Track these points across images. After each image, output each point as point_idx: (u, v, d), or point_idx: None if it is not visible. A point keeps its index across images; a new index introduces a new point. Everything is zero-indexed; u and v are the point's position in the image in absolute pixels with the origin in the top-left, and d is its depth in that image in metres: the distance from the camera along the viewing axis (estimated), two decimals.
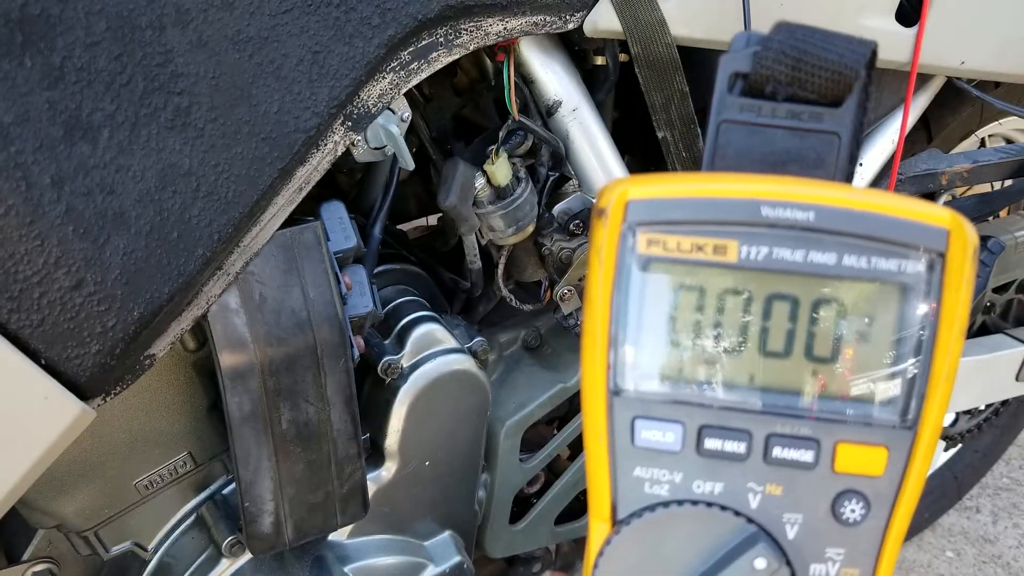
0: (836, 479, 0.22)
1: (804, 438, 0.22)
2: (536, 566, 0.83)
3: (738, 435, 0.22)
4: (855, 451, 0.22)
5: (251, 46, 0.43)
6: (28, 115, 0.38)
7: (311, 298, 0.50)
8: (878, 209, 0.21)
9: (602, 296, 0.22)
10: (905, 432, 0.22)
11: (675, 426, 0.22)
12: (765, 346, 0.22)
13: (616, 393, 0.23)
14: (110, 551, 0.56)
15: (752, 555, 0.22)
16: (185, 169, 0.42)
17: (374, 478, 0.61)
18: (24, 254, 0.39)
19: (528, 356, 0.72)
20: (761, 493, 0.22)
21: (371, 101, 0.48)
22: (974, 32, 0.69)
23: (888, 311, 0.21)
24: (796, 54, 0.22)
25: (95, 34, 0.39)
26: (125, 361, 0.44)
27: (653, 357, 0.22)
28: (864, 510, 0.22)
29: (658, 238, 0.22)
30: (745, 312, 0.22)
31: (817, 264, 0.21)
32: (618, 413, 0.23)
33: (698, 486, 0.23)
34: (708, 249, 0.21)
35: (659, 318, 0.22)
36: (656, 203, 0.22)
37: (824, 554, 0.23)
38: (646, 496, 0.23)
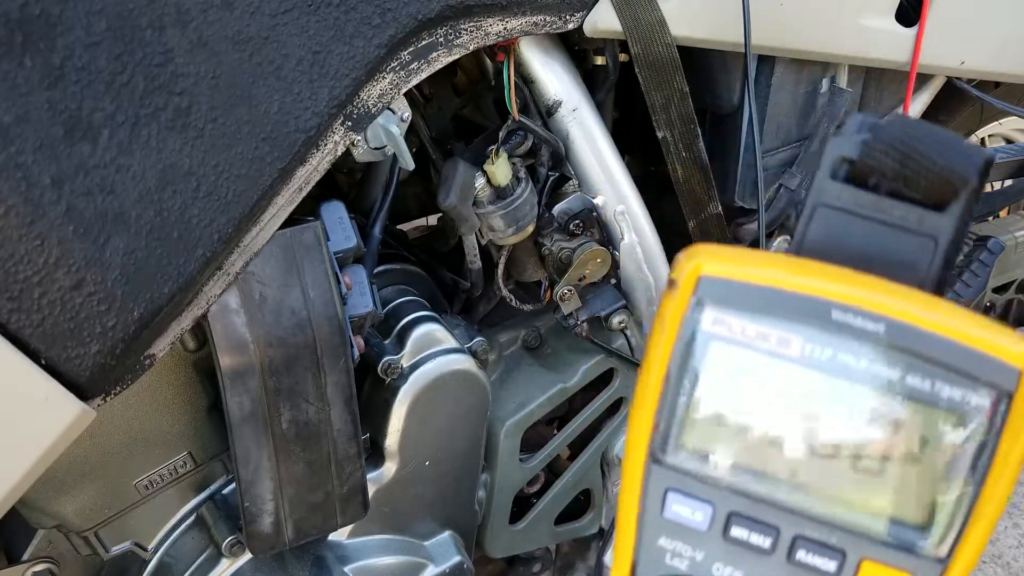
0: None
1: (831, 547, 0.22)
2: (536, 566, 0.83)
3: (766, 529, 0.22)
4: (879, 571, 0.21)
5: (251, 46, 0.43)
6: (28, 115, 0.38)
7: (311, 298, 0.50)
8: (951, 334, 0.20)
9: (659, 363, 0.22)
10: (935, 564, 0.21)
11: (705, 506, 0.22)
12: (812, 446, 0.22)
13: (655, 460, 0.23)
14: (110, 551, 0.56)
15: None
16: (185, 169, 0.42)
17: (374, 478, 0.61)
18: (24, 254, 0.39)
19: (528, 356, 0.72)
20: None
21: (371, 101, 0.48)
22: (974, 32, 0.70)
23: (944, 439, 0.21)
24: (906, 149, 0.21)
25: (95, 34, 0.39)
26: (125, 361, 0.44)
27: (697, 433, 0.22)
28: None
29: (724, 318, 0.22)
30: (798, 409, 0.21)
31: (880, 377, 0.21)
32: (653, 480, 0.23)
33: (718, 569, 0.23)
34: (772, 340, 0.21)
35: (711, 396, 0.22)
36: (728, 284, 0.22)
37: None
38: (666, 566, 0.23)
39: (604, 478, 0.77)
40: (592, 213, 0.63)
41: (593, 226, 0.63)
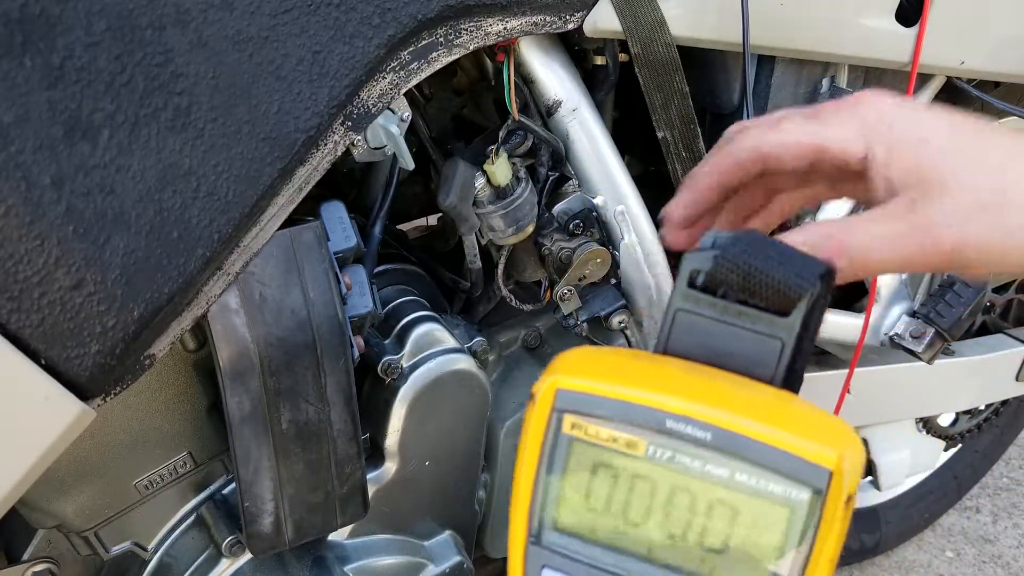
0: None
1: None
2: None
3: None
4: None
5: (251, 46, 0.43)
6: (28, 115, 0.38)
7: (311, 298, 0.50)
8: (769, 441, 0.24)
9: (528, 465, 0.26)
10: None
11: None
12: (663, 527, 0.25)
13: (534, 541, 0.26)
14: (110, 551, 0.56)
15: None
16: (185, 169, 0.43)
17: (374, 478, 0.61)
18: (24, 254, 0.39)
19: (528, 356, 0.72)
20: None
21: (371, 101, 0.48)
22: (974, 32, 0.69)
23: (774, 525, 0.24)
24: (747, 267, 0.25)
25: (95, 34, 0.39)
26: (125, 361, 0.44)
27: (567, 517, 0.26)
28: None
29: (580, 423, 0.25)
30: (650, 496, 0.25)
31: (713, 475, 0.24)
32: (531, 559, 0.26)
33: None
34: (621, 442, 0.25)
35: (575, 487, 0.26)
36: (580, 396, 0.25)
37: None
38: None
39: None
40: (592, 213, 0.63)
41: (593, 226, 0.63)
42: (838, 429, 0.25)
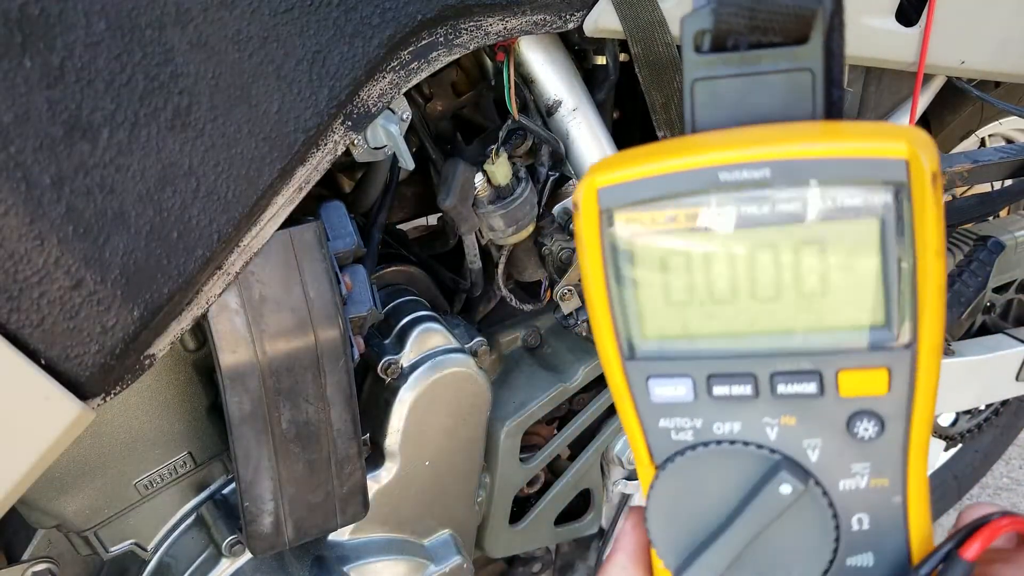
0: (844, 403, 0.23)
1: (805, 372, 0.23)
2: (536, 566, 0.83)
3: (743, 378, 0.24)
4: (857, 376, 0.23)
5: (251, 45, 0.43)
6: (28, 115, 0.38)
7: (311, 298, 0.50)
8: (832, 154, 0.21)
9: (595, 281, 0.24)
10: (904, 352, 0.22)
11: (685, 380, 0.24)
12: (756, 294, 0.23)
13: (628, 358, 0.24)
14: (110, 551, 0.56)
15: (776, 483, 0.24)
16: (185, 169, 0.42)
17: (374, 478, 0.61)
18: (24, 254, 0.39)
19: (528, 356, 0.72)
20: (777, 425, 0.24)
21: (371, 101, 0.48)
22: (974, 32, 0.69)
23: (866, 243, 0.22)
24: (749, 4, 0.22)
25: (95, 34, 0.39)
26: (125, 361, 0.44)
27: (654, 322, 0.24)
28: (877, 427, 0.23)
29: (633, 216, 0.23)
30: (731, 268, 0.23)
31: (786, 214, 0.22)
32: (633, 376, 0.25)
33: (718, 427, 0.24)
34: (681, 219, 0.23)
35: (652, 287, 0.24)
36: (622, 187, 0.23)
37: (850, 470, 0.24)
38: (674, 443, 0.25)
39: (604, 478, 0.77)
40: None
41: None
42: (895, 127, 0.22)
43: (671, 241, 0.23)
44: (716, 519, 0.24)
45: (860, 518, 0.24)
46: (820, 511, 0.24)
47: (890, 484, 0.24)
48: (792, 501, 0.24)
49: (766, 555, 0.24)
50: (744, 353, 0.24)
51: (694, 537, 0.25)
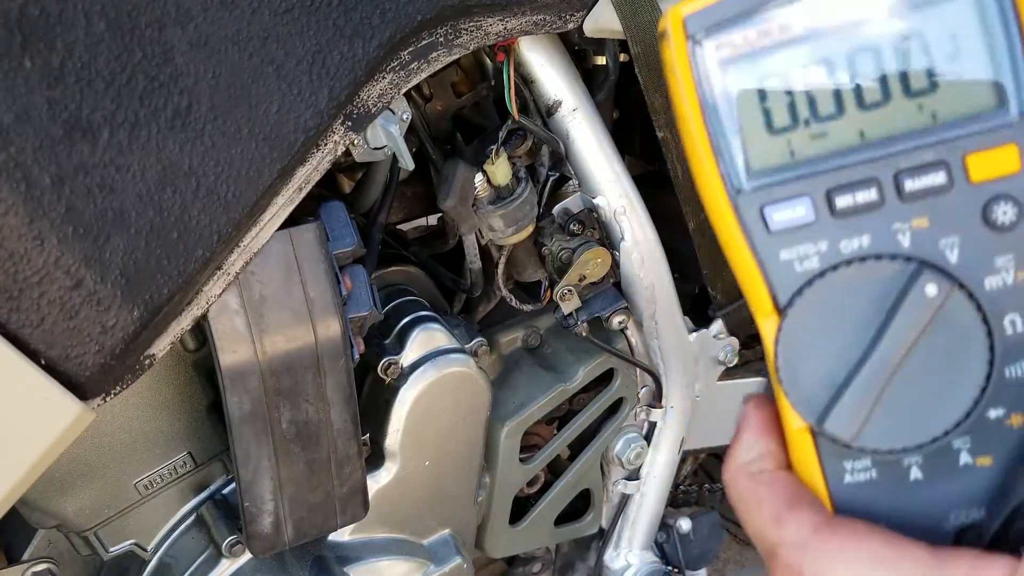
0: (977, 190, 0.22)
1: (931, 163, 0.22)
2: (536, 566, 0.83)
3: (866, 184, 0.22)
4: (985, 157, 0.22)
5: (251, 46, 0.43)
6: (28, 115, 0.38)
7: (311, 298, 0.50)
8: None
9: (692, 112, 0.23)
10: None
11: (803, 199, 0.23)
12: (863, 102, 0.22)
13: (736, 192, 0.23)
14: (110, 551, 0.56)
15: (920, 286, 0.22)
16: (185, 169, 0.42)
17: (374, 478, 0.61)
18: (24, 254, 0.39)
19: (528, 356, 0.72)
20: (909, 230, 0.22)
21: (371, 101, 0.48)
22: None
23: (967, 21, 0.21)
24: None
25: (95, 34, 0.39)
26: (125, 361, 0.44)
27: (760, 149, 0.23)
28: (1016, 209, 0.22)
29: (725, 40, 0.22)
30: (832, 77, 0.22)
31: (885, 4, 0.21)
32: (745, 210, 0.23)
33: (845, 246, 0.23)
34: (775, 31, 0.22)
35: (753, 112, 0.23)
36: (710, 10, 0.22)
37: (994, 265, 0.22)
38: (799, 275, 0.23)
39: (604, 478, 0.77)
40: (592, 213, 0.63)
41: (593, 226, 0.63)
42: None
43: (766, 61, 0.22)
44: (857, 350, 0.22)
45: (1013, 319, 0.22)
46: (969, 318, 0.22)
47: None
48: (938, 307, 0.22)
49: (916, 382, 0.22)
50: (863, 159, 0.22)
51: (834, 377, 0.23)
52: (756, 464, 0.25)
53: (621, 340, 0.70)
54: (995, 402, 0.23)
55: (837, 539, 0.22)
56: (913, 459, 0.23)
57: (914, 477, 0.24)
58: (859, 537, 0.22)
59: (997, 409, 0.23)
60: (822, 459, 0.24)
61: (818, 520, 0.23)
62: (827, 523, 0.23)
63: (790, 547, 0.23)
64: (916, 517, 0.24)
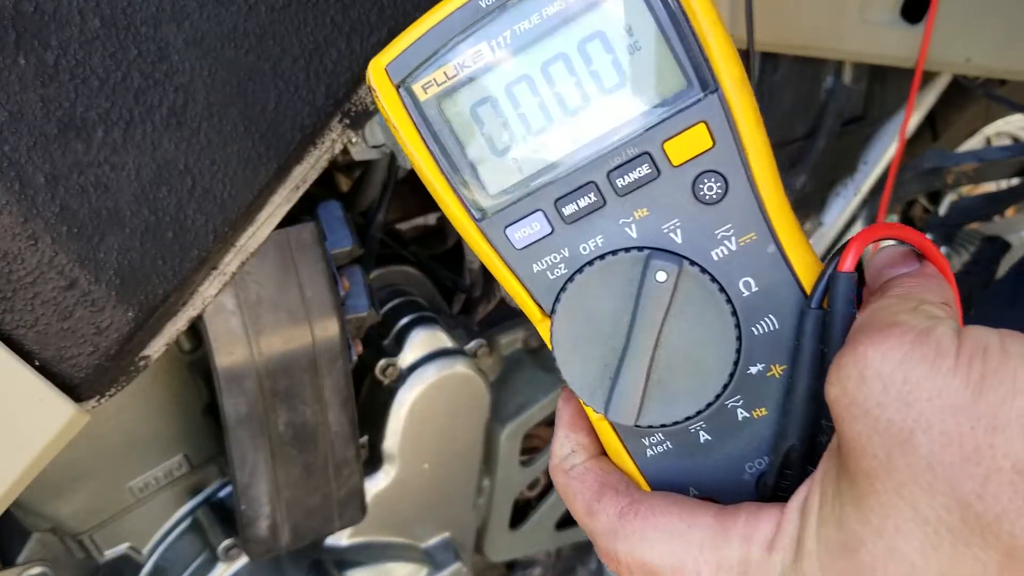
0: (682, 171, 0.24)
1: (635, 157, 0.24)
2: (536, 570, 0.82)
3: (586, 189, 0.24)
4: (681, 140, 0.23)
5: (248, 43, 0.43)
6: (22, 113, 0.38)
7: (308, 299, 0.49)
8: None
9: (420, 154, 0.24)
10: (710, 98, 0.23)
11: (537, 214, 0.25)
12: (567, 108, 0.24)
13: (481, 219, 0.25)
14: (105, 554, 0.56)
15: (652, 273, 0.24)
16: (180, 167, 0.42)
17: (372, 481, 0.60)
18: (17, 254, 0.39)
19: (528, 357, 0.71)
20: (634, 222, 0.24)
21: (369, 99, 0.48)
22: (979, 29, 0.69)
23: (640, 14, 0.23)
24: None
25: (90, 31, 0.39)
26: (120, 362, 0.43)
27: (489, 174, 0.25)
28: (721, 183, 0.24)
29: (428, 79, 0.24)
30: (534, 91, 0.24)
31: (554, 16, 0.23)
32: (492, 233, 0.25)
33: (584, 248, 0.25)
34: (469, 60, 0.24)
35: (476, 140, 0.24)
36: (405, 55, 0.24)
37: (716, 237, 0.24)
38: (553, 282, 0.25)
39: None
40: None
41: None
42: None
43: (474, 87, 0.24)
44: (619, 340, 0.24)
45: (746, 281, 0.24)
46: (705, 288, 0.24)
47: (758, 236, 0.24)
48: (672, 286, 0.24)
49: (679, 357, 0.24)
50: (576, 167, 0.24)
51: (607, 367, 0.25)
52: (569, 460, 0.27)
53: None
54: (752, 359, 0.25)
55: (638, 521, 0.24)
56: (698, 425, 0.25)
57: (704, 440, 0.26)
58: (657, 515, 0.24)
59: (756, 365, 0.25)
60: (623, 440, 0.26)
61: (623, 504, 0.25)
62: (630, 506, 0.25)
63: (603, 535, 0.25)
64: (717, 473, 0.26)
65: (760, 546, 0.22)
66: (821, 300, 0.23)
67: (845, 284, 0.23)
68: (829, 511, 0.21)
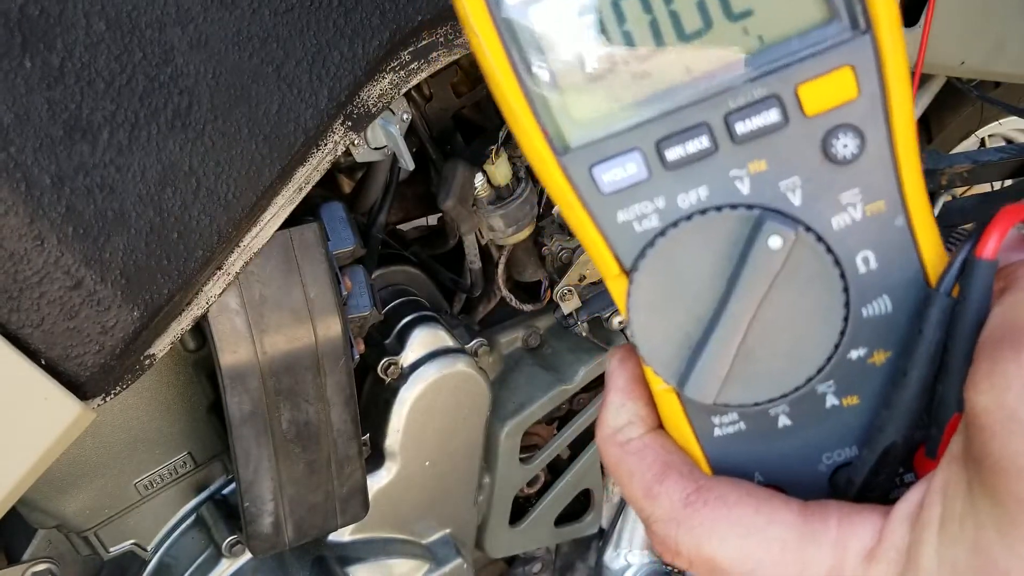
0: (814, 123, 0.20)
1: (762, 99, 0.20)
2: (536, 566, 0.83)
3: (696, 131, 0.20)
4: (820, 85, 0.20)
5: (251, 45, 0.43)
6: (28, 115, 0.38)
7: (311, 298, 0.50)
8: None
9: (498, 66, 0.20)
10: (862, 40, 0.19)
11: (632, 154, 0.21)
12: (683, 31, 0.20)
13: (563, 152, 0.21)
14: (110, 551, 0.56)
15: (763, 238, 0.20)
16: (185, 169, 0.42)
17: (374, 478, 0.61)
18: (24, 254, 0.39)
19: (528, 356, 0.72)
20: (747, 176, 0.21)
21: (371, 101, 0.48)
22: (974, 32, 0.69)
23: None
24: None
25: (95, 34, 0.39)
26: (125, 361, 0.44)
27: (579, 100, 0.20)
28: (857, 140, 0.20)
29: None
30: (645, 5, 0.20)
31: None
32: (574, 171, 0.21)
33: (683, 200, 0.21)
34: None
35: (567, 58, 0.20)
36: None
37: (840, 202, 0.21)
38: (640, 235, 0.21)
39: (604, 478, 0.77)
40: None
41: None
42: None
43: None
44: (709, 308, 0.21)
45: (865, 256, 0.21)
46: (819, 261, 0.20)
47: (887, 206, 0.20)
48: (785, 256, 0.20)
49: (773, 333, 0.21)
50: (689, 101, 0.20)
51: (690, 337, 0.21)
52: (624, 432, 0.24)
53: (621, 340, 0.70)
54: (855, 343, 0.22)
55: (708, 510, 0.22)
56: (780, 408, 0.23)
57: (783, 424, 0.23)
58: (729, 506, 0.21)
59: (858, 350, 0.22)
60: (690, 417, 0.23)
61: (688, 490, 0.22)
62: (697, 493, 0.22)
63: (663, 522, 0.22)
64: (790, 461, 0.23)
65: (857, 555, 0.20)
66: (951, 287, 0.20)
67: (986, 273, 0.20)
68: (959, 530, 0.18)
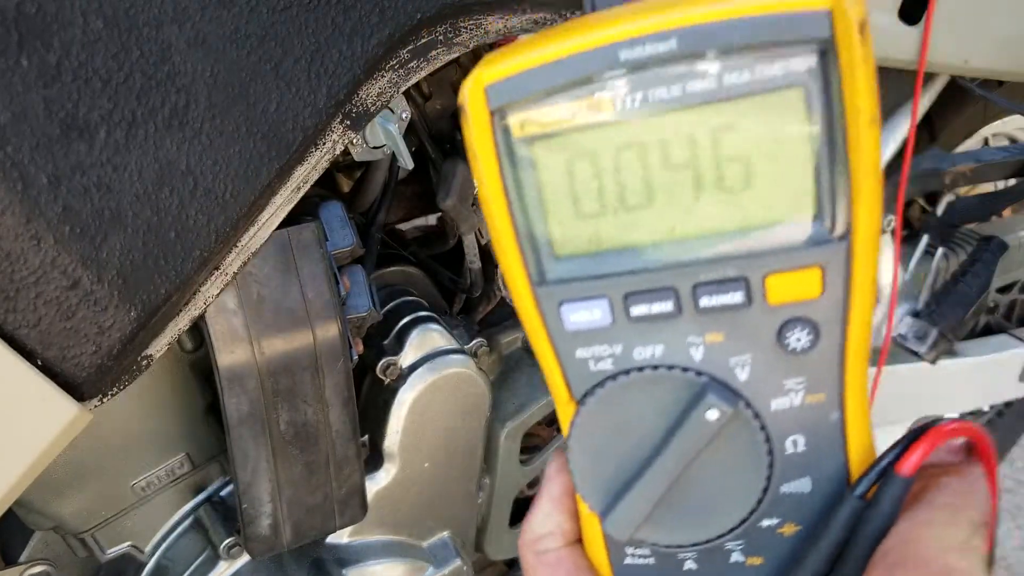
0: (774, 312, 0.21)
1: (731, 280, 0.21)
2: None
3: (663, 294, 0.21)
4: (787, 279, 0.20)
5: (249, 44, 0.43)
6: (24, 114, 0.38)
7: (309, 298, 0.49)
8: (744, 12, 0.18)
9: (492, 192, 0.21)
10: (838, 245, 0.20)
11: (600, 301, 0.22)
12: (673, 195, 0.20)
13: (539, 283, 0.22)
14: (107, 553, 0.56)
15: (703, 408, 0.21)
16: (182, 168, 0.42)
17: (373, 479, 0.60)
18: (20, 254, 0.39)
19: (528, 357, 0.72)
20: (702, 344, 0.22)
21: (370, 100, 0.48)
22: (977, 30, 0.69)
23: (790, 119, 0.19)
24: None
25: (92, 32, 0.39)
26: (122, 362, 0.44)
27: (563, 238, 0.21)
28: (811, 335, 0.21)
29: (529, 116, 0.20)
30: (643, 165, 0.20)
31: (698, 93, 0.19)
32: (545, 303, 0.22)
33: (639, 353, 0.22)
34: (583, 111, 0.20)
35: (558, 197, 0.21)
36: (514, 80, 0.20)
37: (783, 387, 0.22)
38: (593, 374, 0.23)
39: None
40: None
41: None
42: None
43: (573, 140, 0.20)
44: (642, 454, 0.22)
45: (795, 440, 0.22)
46: (751, 435, 0.22)
47: (827, 399, 0.21)
48: (720, 427, 0.21)
49: (696, 488, 0.22)
50: (663, 265, 0.21)
51: (620, 475, 0.23)
52: (544, 542, 0.25)
53: None
54: (770, 513, 0.23)
55: None
56: (688, 554, 0.24)
57: (688, 568, 0.24)
58: None
59: (771, 519, 0.23)
60: (607, 540, 0.25)
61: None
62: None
63: None
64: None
65: None
66: (867, 491, 0.21)
67: (900, 488, 0.21)
68: None
